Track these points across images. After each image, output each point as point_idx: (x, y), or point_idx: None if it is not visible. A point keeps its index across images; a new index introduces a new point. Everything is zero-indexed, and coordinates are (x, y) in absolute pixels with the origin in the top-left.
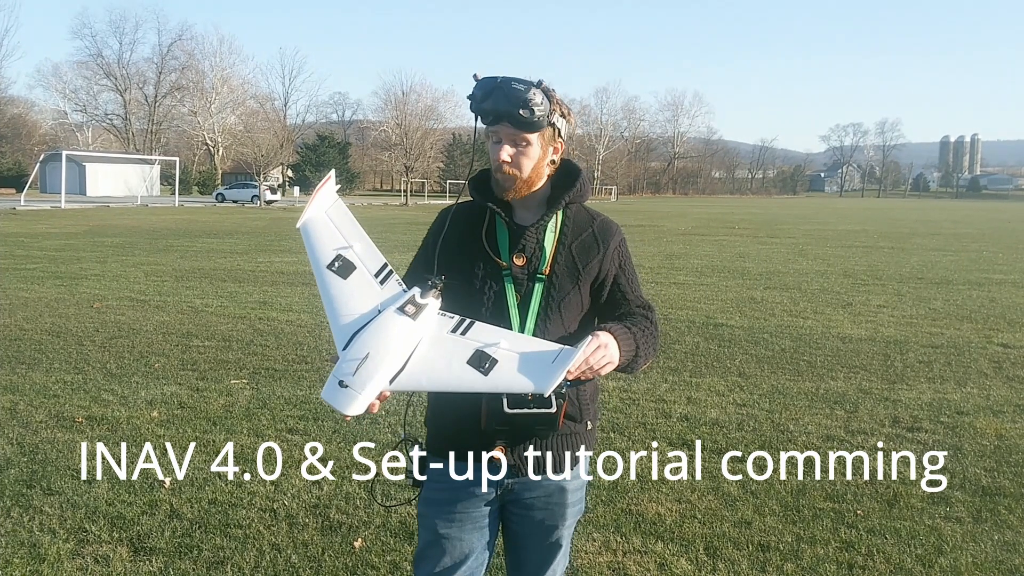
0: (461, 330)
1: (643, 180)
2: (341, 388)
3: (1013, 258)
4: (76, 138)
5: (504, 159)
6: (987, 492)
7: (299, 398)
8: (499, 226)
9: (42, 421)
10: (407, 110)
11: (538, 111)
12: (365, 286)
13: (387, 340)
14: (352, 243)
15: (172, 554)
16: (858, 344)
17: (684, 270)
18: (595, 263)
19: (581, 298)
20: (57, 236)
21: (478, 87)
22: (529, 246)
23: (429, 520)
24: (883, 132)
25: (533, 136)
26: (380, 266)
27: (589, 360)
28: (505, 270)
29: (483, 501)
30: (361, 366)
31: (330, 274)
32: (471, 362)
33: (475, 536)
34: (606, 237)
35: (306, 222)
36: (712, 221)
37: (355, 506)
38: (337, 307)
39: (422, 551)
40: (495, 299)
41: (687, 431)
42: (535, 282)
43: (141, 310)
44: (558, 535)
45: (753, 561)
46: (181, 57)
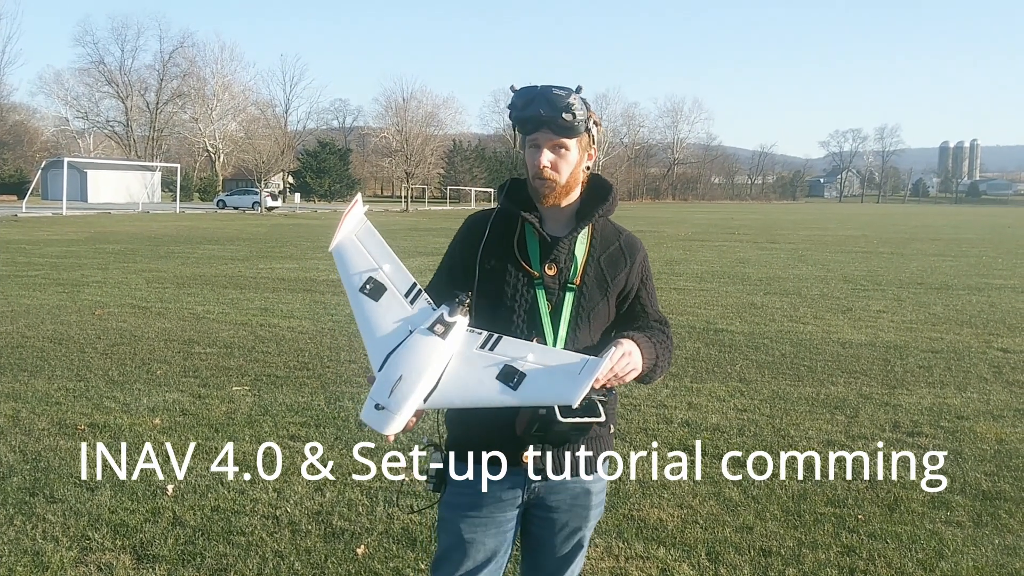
0: (489, 346)
1: (643, 186)
2: (378, 410)
3: (1013, 263)
4: (78, 145)
5: (545, 164)
6: (987, 496)
7: (301, 404)
8: (530, 236)
9: (44, 428)
10: (408, 116)
11: (579, 116)
12: (396, 306)
13: (419, 361)
14: (382, 264)
15: (175, 561)
16: (858, 349)
17: (684, 276)
18: (622, 276)
19: (608, 309)
20: (59, 243)
21: (518, 96)
22: (561, 256)
23: (453, 524)
24: (882, 138)
25: (572, 142)
26: (410, 286)
27: (615, 368)
28: (537, 279)
29: (509, 505)
30: (396, 388)
31: (363, 297)
32: (500, 377)
33: (498, 540)
34: (632, 252)
35: (337, 246)
36: (712, 227)
37: (358, 513)
38: (371, 329)
39: (444, 554)
40: (528, 307)
41: (688, 436)
42: (566, 291)
43: (143, 317)
44: (580, 536)
45: (755, 566)
46: (183, 64)
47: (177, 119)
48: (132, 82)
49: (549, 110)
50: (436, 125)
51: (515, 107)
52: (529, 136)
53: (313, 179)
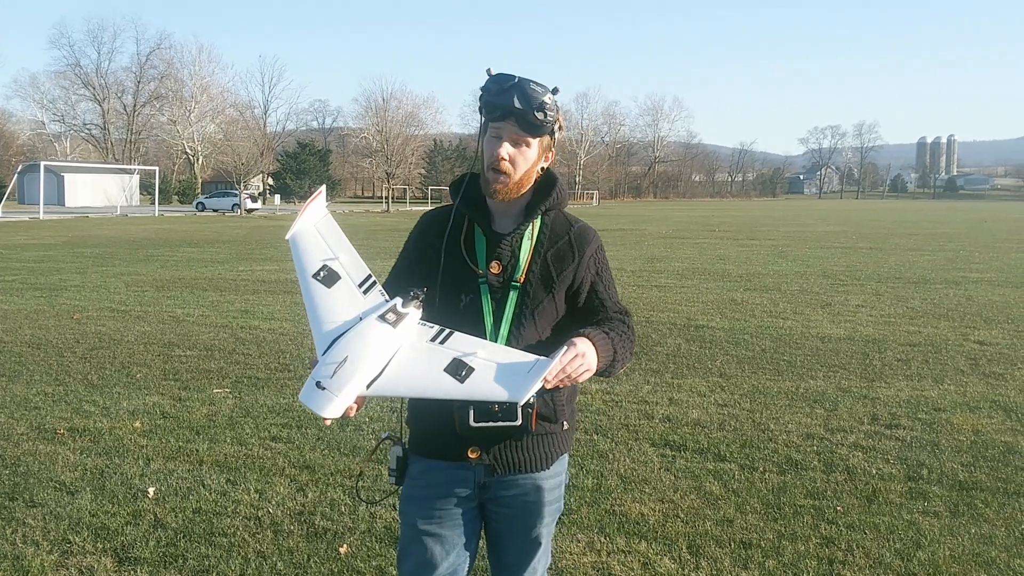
0: (440, 339)
1: (624, 184)
2: (318, 390)
3: (989, 257)
4: (54, 148)
5: (504, 156)
6: (964, 487)
7: (282, 406)
8: (477, 233)
9: (23, 433)
10: (388, 117)
11: (549, 116)
12: (348, 295)
13: (366, 345)
14: (338, 254)
15: (157, 563)
16: (837, 343)
17: (665, 273)
18: (570, 271)
19: (556, 306)
20: (36, 247)
21: (493, 81)
22: (505, 254)
23: (410, 517)
24: (861, 134)
25: (535, 140)
26: (364, 277)
27: (566, 369)
28: (481, 277)
29: (461, 499)
30: (339, 369)
31: (315, 283)
32: (448, 370)
33: (455, 533)
34: (582, 245)
35: (295, 234)
36: (692, 224)
37: (340, 512)
38: (320, 314)
39: (404, 548)
40: (470, 305)
41: (669, 432)
42: (509, 290)
43: (122, 320)
44: (536, 533)
45: (735, 559)
46: (160, 66)
47: (155, 121)
48: (109, 85)
49: (523, 103)
50: (417, 125)
51: (488, 91)
52: (494, 124)
53: (293, 180)
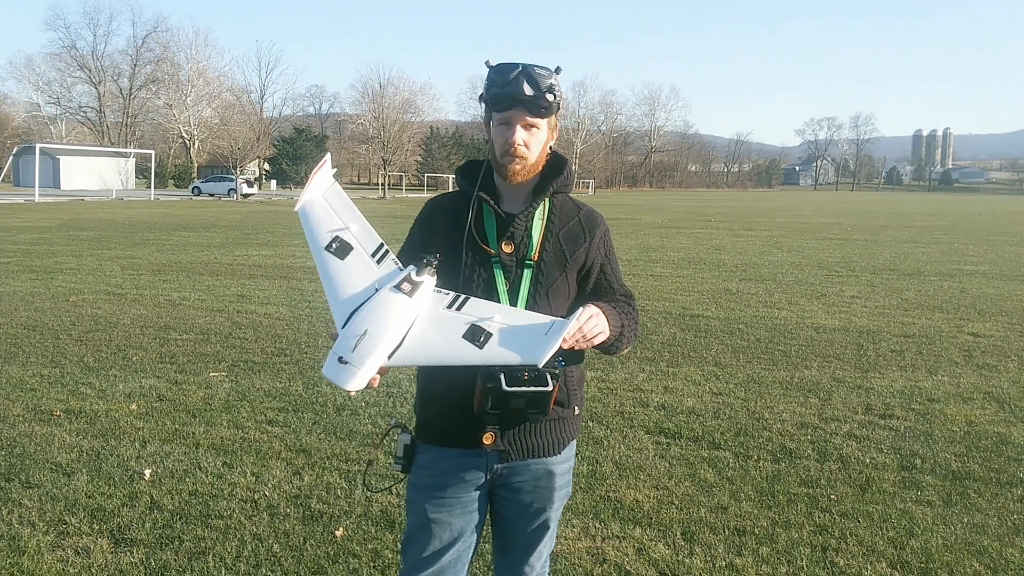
0: (456, 306)
1: (620, 174)
2: (341, 364)
3: (984, 249)
4: (50, 131)
5: (519, 143)
6: (957, 476)
7: (278, 390)
8: (487, 214)
9: (19, 415)
10: (384, 103)
11: (558, 97)
12: (362, 266)
13: (384, 317)
14: (349, 224)
15: (153, 545)
16: (832, 334)
17: (661, 262)
18: (582, 251)
19: (568, 285)
20: (31, 230)
21: (497, 72)
22: (518, 233)
23: (418, 505)
24: (857, 126)
25: (543, 121)
26: (376, 246)
27: (583, 328)
28: (494, 257)
29: (472, 486)
30: (360, 342)
31: (328, 255)
32: (466, 336)
33: (464, 520)
34: (592, 227)
35: (304, 205)
36: (688, 214)
37: (336, 496)
38: (335, 287)
39: (411, 535)
40: (484, 286)
41: (664, 420)
42: (524, 268)
43: (118, 304)
44: (546, 517)
45: (729, 545)
46: (156, 49)
47: (151, 105)
48: (105, 67)
49: (533, 89)
50: (413, 112)
51: (494, 83)
52: (501, 114)
53: (289, 166)
